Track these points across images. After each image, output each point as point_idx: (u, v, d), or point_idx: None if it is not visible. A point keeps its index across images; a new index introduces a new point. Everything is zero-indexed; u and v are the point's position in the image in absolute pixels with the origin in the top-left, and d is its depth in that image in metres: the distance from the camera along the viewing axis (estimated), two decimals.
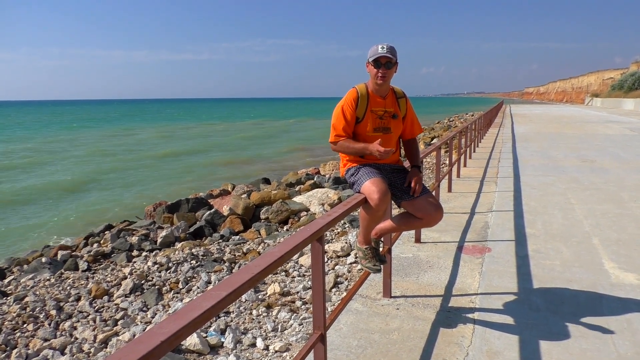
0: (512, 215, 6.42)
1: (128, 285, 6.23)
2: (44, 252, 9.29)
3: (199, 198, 12.30)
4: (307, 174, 16.67)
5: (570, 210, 6.59)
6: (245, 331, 4.60)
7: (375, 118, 3.11)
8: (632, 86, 57.35)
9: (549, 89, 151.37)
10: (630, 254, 4.79)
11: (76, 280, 7.00)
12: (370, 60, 3.01)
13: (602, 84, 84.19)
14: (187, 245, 8.29)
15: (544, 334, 3.24)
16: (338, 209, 2.69)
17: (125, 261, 7.88)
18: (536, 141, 16.09)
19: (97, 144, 39.21)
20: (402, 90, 3.27)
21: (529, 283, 4.13)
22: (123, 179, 21.60)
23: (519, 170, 10.02)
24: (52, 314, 5.74)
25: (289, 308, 5.00)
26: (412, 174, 3.21)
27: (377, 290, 4.03)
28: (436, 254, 4.95)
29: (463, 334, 3.29)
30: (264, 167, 24.15)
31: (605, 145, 14.64)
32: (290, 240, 2.11)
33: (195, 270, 6.68)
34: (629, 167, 10.20)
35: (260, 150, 32.40)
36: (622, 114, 36.49)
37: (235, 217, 10.05)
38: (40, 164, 27.46)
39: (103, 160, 28.81)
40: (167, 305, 5.72)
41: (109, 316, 5.58)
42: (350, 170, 3.18)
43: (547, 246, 5.10)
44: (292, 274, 6.04)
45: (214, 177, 21.13)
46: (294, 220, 9.80)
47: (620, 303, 3.69)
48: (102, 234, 10.31)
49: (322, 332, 2.38)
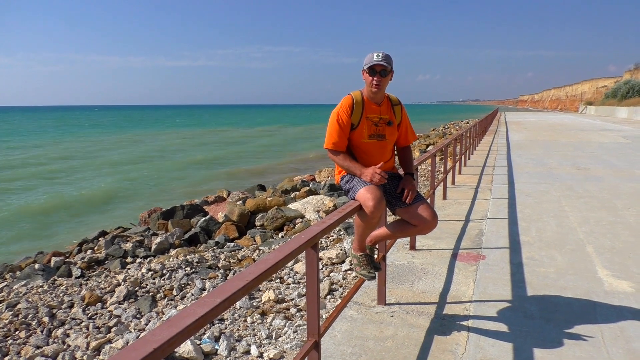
0: (507, 222, 6.45)
1: (122, 292, 6.20)
2: (37, 258, 9.22)
3: (194, 204, 12.26)
4: (302, 181, 16.66)
5: (564, 218, 6.61)
6: (240, 338, 4.58)
7: (370, 125, 3.12)
8: (626, 94, 57.81)
9: (544, 96, 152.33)
10: (624, 262, 4.81)
11: (69, 287, 6.95)
12: (366, 67, 3.03)
13: (596, 92, 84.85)
14: (181, 252, 8.26)
15: (538, 342, 3.24)
16: (333, 216, 2.69)
17: (119, 268, 7.83)
18: (531, 149, 16.17)
19: (131, 149, 39.80)
20: (397, 98, 3.29)
21: (523, 290, 4.14)
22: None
23: (514, 178, 10.06)
24: (44, 321, 5.69)
25: (284, 315, 4.98)
26: (406, 181, 3.22)
27: (371, 297, 4.03)
28: (431, 261, 4.95)
29: (457, 342, 3.29)
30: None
31: (600, 153, 14.74)
32: (285, 247, 2.11)
33: (190, 277, 6.65)
34: (623, 175, 10.27)
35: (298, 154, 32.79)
36: (615, 122, 36.78)
37: (231, 223, 10.02)
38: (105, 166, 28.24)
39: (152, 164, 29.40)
40: (161, 312, 5.69)
41: (102, 323, 5.54)
42: (346, 177, 3.19)
43: (542, 254, 5.11)
44: (287, 281, 6.03)
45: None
46: (289, 227, 9.79)
47: (614, 311, 3.71)
48: (96, 240, 10.25)
49: (317, 339, 2.38)
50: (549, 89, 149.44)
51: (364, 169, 3.02)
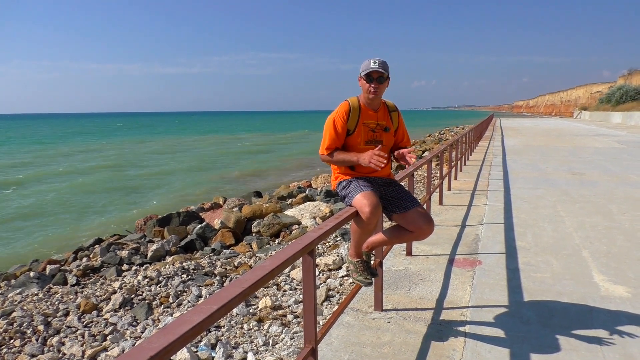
0: (503, 228, 6.46)
1: (117, 299, 6.17)
2: (32, 266, 9.17)
3: (190, 211, 12.24)
4: (298, 187, 16.66)
5: (560, 223, 6.63)
6: (236, 345, 4.56)
7: (367, 131, 3.13)
8: (620, 99, 58.18)
9: (539, 102, 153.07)
10: (620, 267, 4.83)
11: (65, 295, 6.91)
12: (363, 74, 3.05)
13: (591, 97, 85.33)
14: (177, 259, 8.23)
15: (535, 347, 3.24)
16: (329, 222, 2.69)
17: (114, 275, 7.80)
18: (526, 154, 16.24)
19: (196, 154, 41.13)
20: (394, 104, 3.31)
21: (520, 296, 4.14)
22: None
23: (510, 183, 10.09)
24: (39, 329, 5.65)
25: (281, 322, 4.97)
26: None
27: (368, 303, 4.02)
28: (427, 267, 4.95)
29: (454, 347, 3.28)
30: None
31: (595, 158, 14.81)
32: (281, 253, 2.11)
33: (186, 284, 6.63)
34: (618, 180, 10.32)
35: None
36: (610, 127, 37.00)
37: (227, 230, 10.01)
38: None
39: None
40: (157, 319, 5.67)
41: (98, 331, 5.51)
42: (342, 183, 3.19)
43: (538, 259, 5.12)
44: (284, 287, 6.02)
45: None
46: (285, 233, 9.78)
47: (610, 316, 3.71)
48: (91, 247, 10.21)
49: (314, 345, 2.37)
50: (543, 95, 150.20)
51: (360, 155, 2.98)
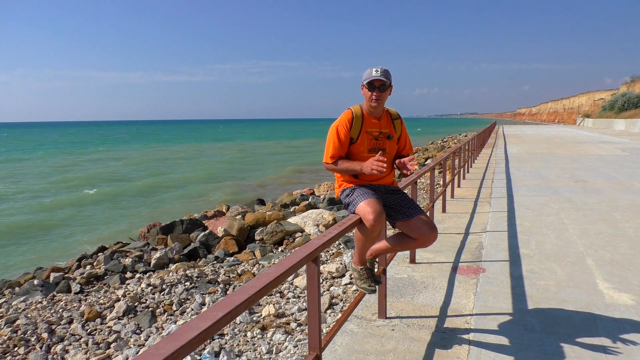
0: (506, 235, 6.45)
1: (121, 307, 6.17)
2: (36, 274, 9.19)
3: (193, 219, 12.26)
4: (301, 195, 16.67)
5: (563, 231, 6.62)
6: (240, 353, 4.56)
7: (370, 139, 3.15)
8: (623, 107, 58.04)
9: (541, 109, 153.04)
10: (624, 274, 4.81)
11: (68, 303, 6.92)
12: (365, 83, 3.07)
13: (593, 104, 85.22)
14: (181, 267, 8.24)
15: (539, 355, 3.23)
16: (333, 229, 2.70)
17: (118, 283, 7.81)
18: (529, 162, 16.22)
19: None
20: (396, 112, 3.33)
21: (524, 303, 4.13)
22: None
23: (513, 191, 10.08)
24: (43, 337, 5.66)
25: (284, 330, 4.96)
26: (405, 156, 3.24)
27: (372, 311, 4.02)
28: (431, 275, 4.95)
29: (458, 355, 3.28)
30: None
31: (598, 165, 14.78)
32: (285, 261, 2.12)
33: (190, 292, 6.63)
34: (622, 187, 10.30)
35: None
36: (613, 134, 36.92)
37: (230, 238, 10.01)
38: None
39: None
40: (160, 327, 5.67)
41: (102, 339, 5.52)
42: (346, 191, 3.21)
43: (541, 266, 5.11)
44: (287, 295, 6.01)
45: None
46: (288, 241, 9.78)
47: (615, 323, 3.70)
48: (95, 255, 10.23)
49: (318, 353, 2.38)
50: (546, 102, 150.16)
51: (363, 163, 3.01)
